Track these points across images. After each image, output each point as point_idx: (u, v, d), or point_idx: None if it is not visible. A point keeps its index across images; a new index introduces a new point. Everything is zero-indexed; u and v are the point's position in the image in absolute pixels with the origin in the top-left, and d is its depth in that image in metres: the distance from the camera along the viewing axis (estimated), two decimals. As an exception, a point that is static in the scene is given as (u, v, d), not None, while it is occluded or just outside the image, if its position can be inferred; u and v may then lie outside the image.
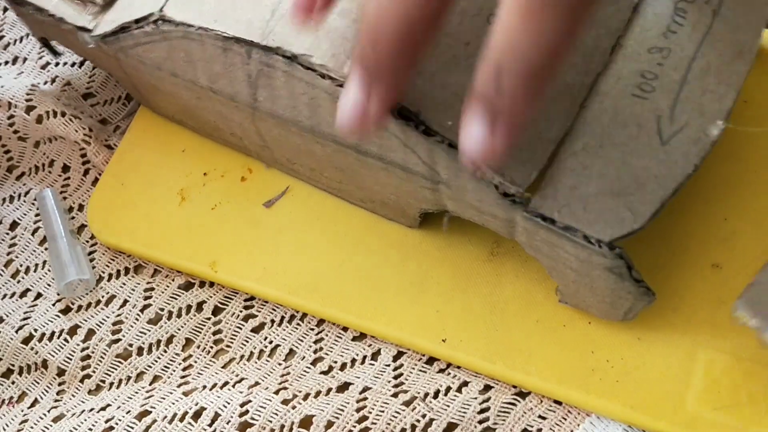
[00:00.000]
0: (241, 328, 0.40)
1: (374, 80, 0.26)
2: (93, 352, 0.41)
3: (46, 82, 0.48)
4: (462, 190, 0.32)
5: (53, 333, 0.42)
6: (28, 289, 0.43)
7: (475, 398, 0.35)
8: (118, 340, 0.41)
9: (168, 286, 0.41)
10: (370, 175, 0.35)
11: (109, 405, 0.39)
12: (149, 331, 0.41)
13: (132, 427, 0.38)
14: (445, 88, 0.31)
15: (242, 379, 0.38)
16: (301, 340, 0.39)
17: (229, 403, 0.37)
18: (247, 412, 0.37)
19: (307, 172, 0.39)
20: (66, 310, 0.42)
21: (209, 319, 0.40)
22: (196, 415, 0.38)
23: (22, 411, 0.40)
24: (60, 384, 0.40)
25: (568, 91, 0.31)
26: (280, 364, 0.38)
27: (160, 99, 0.41)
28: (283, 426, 0.37)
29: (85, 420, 0.39)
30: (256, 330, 0.40)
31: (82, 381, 0.40)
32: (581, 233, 0.29)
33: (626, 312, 0.33)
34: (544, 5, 0.22)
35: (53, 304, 0.42)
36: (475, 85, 0.25)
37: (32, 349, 0.41)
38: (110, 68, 0.42)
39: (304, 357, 0.38)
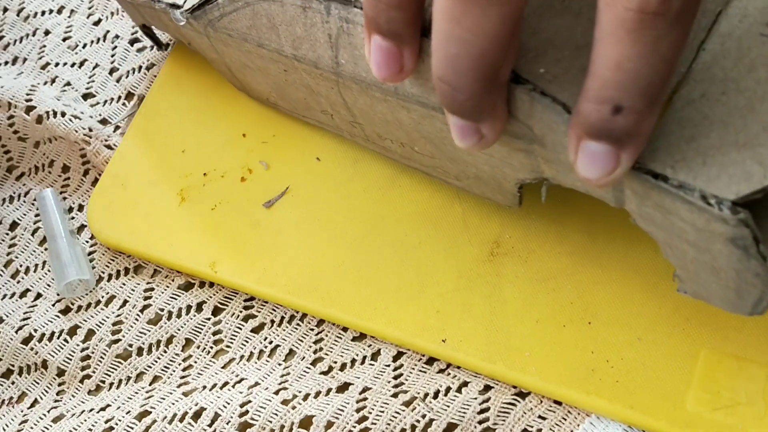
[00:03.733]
0: (241, 329, 0.40)
1: None
2: (93, 353, 0.41)
3: (46, 83, 0.48)
4: (558, 148, 0.28)
5: (53, 333, 0.41)
6: (27, 290, 0.43)
7: (475, 398, 0.35)
8: (117, 341, 0.41)
9: (168, 287, 0.41)
10: None
11: (109, 405, 0.39)
12: (149, 331, 0.41)
13: (132, 428, 0.38)
14: (536, 35, 0.28)
15: (242, 380, 0.38)
16: (301, 341, 0.39)
17: (229, 404, 0.37)
18: (247, 412, 0.37)
19: (398, 148, 0.38)
20: (66, 311, 0.42)
21: (209, 319, 0.40)
22: (196, 416, 0.38)
23: (22, 411, 0.40)
24: (60, 384, 0.40)
25: None
26: (280, 365, 0.38)
27: (252, 79, 0.41)
28: (283, 426, 0.37)
29: (85, 420, 0.39)
30: (256, 330, 0.40)
31: (81, 381, 0.40)
32: (699, 192, 0.25)
33: (755, 303, 0.29)
34: (656, 16, 0.21)
35: (53, 305, 0.42)
36: (583, 119, 0.24)
37: (32, 349, 0.41)
38: (204, 50, 0.42)
39: (304, 357, 0.38)
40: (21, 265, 0.44)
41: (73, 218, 0.45)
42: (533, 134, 0.29)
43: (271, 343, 0.39)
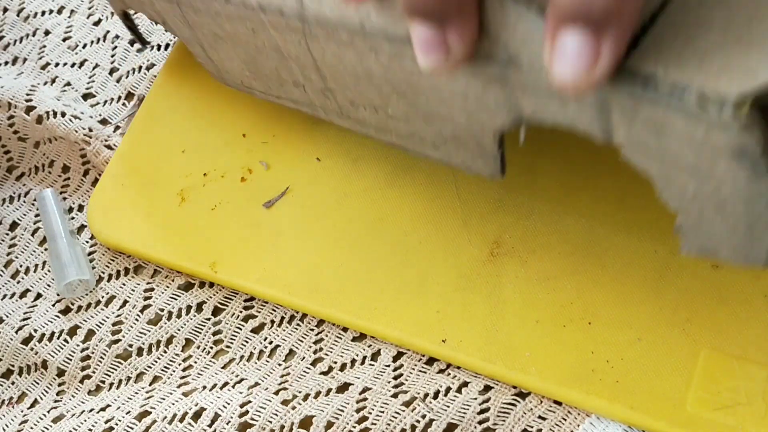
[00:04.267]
0: (241, 329, 0.40)
1: None
2: (93, 353, 0.41)
3: (46, 83, 0.48)
4: (535, 67, 0.25)
5: (53, 333, 0.41)
6: (27, 290, 0.43)
7: (475, 399, 0.35)
8: (117, 341, 0.41)
9: (168, 287, 0.41)
10: (433, 88, 0.31)
11: (108, 405, 0.39)
12: (149, 331, 0.41)
13: (132, 428, 0.38)
14: None
15: (242, 380, 0.38)
16: (301, 341, 0.39)
17: (229, 404, 0.37)
18: (247, 412, 0.37)
19: (372, 117, 0.36)
20: (66, 311, 0.42)
21: (209, 319, 0.40)
22: (196, 416, 0.38)
23: (22, 411, 0.40)
24: (60, 384, 0.40)
25: None
26: (280, 365, 0.38)
27: (225, 55, 0.40)
28: (283, 426, 0.37)
29: (85, 420, 0.39)
30: (256, 330, 0.40)
31: (81, 381, 0.40)
32: (695, 91, 0.21)
33: None
34: None
35: (53, 305, 0.42)
36: (557, 4, 0.21)
37: (32, 349, 0.41)
38: (178, 25, 0.41)
39: (304, 357, 0.38)
40: (21, 266, 0.44)
41: (73, 218, 0.45)
42: (507, 53, 0.26)
43: (271, 343, 0.39)
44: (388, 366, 0.37)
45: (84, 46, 0.49)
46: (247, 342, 0.39)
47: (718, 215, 0.25)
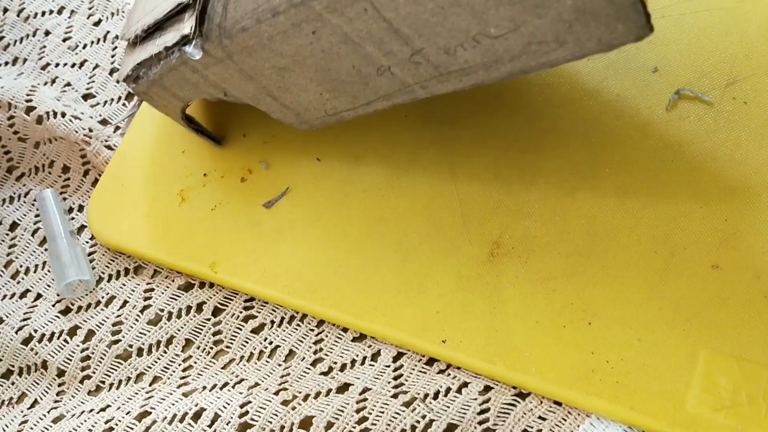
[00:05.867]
0: (241, 329, 0.40)
1: None
2: (93, 353, 0.41)
3: (46, 83, 0.48)
4: None
5: (53, 334, 0.41)
6: (28, 290, 0.43)
7: (475, 399, 0.35)
8: (117, 341, 0.41)
9: (168, 287, 0.41)
10: None
11: (109, 406, 0.39)
12: (149, 331, 0.41)
13: (132, 428, 0.38)
14: None
15: (242, 380, 0.38)
16: (301, 341, 0.39)
17: (228, 404, 0.37)
18: (247, 412, 0.37)
19: (476, 55, 0.32)
20: (66, 311, 0.42)
21: (209, 319, 0.40)
22: (196, 416, 0.38)
23: (22, 412, 0.40)
24: (60, 385, 0.40)
25: None
26: (280, 365, 0.38)
27: (297, 87, 0.38)
28: (283, 427, 0.37)
29: (85, 421, 0.39)
30: (256, 331, 0.40)
31: (81, 382, 0.40)
32: None
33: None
34: None
35: (53, 305, 0.42)
36: None
37: (32, 349, 0.41)
38: (238, 84, 0.39)
39: (304, 358, 0.38)
40: (21, 266, 0.44)
41: (73, 219, 0.45)
42: None
43: (271, 343, 0.39)
44: (388, 366, 0.37)
45: (84, 47, 0.49)
46: (247, 342, 0.39)
47: None
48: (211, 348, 0.40)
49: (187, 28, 0.37)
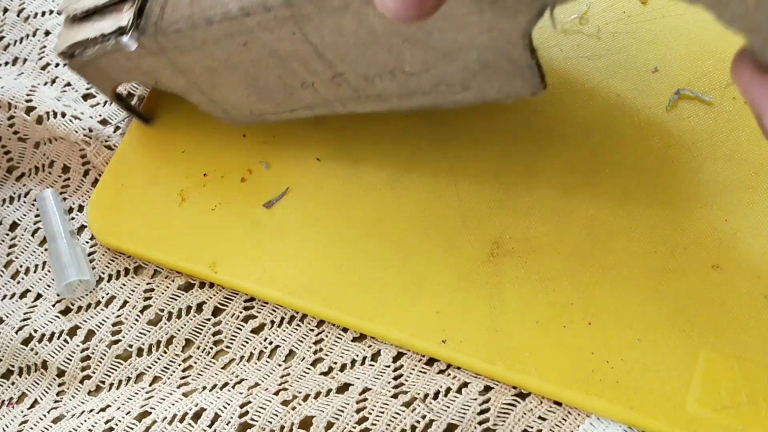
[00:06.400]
0: (241, 329, 0.40)
1: None
2: (93, 353, 0.41)
3: (46, 83, 0.48)
4: None
5: (53, 334, 0.42)
6: (28, 290, 0.43)
7: (475, 399, 0.35)
8: (118, 341, 0.41)
9: (168, 287, 0.41)
10: (444, 18, 0.29)
11: (109, 406, 0.39)
12: (149, 331, 0.41)
13: (132, 428, 0.38)
14: None
15: (242, 380, 0.38)
16: (301, 341, 0.39)
17: (229, 404, 0.37)
18: (247, 413, 0.37)
19: (392, 86, 0.34)
20: (66, 311, 0.42)
21: (209, 320, 0.40)
22: (196, 416, 0.38)
23: (22, 412, 0.40)
24: (60, 385, 0.40)
25: None
26: (280, 365, 0.38)
27: (225, 87, 0.39)
28: (283, 427, 0.37)
29: (85, 421, 0.39)
30: (256, 331, 0.40)
31: (81, 382, 0.40)
32: None
33: None
34: None
35: (53, 305, 0.42)
36: None
37: (32, 349, 0.41)
38: (171, 77, 0.40)
39: (304, 358, 0.38)
40: (21, 266, 0.44)
41: (73, 219, 0.45)
42: None
43: (271, 343, 0.39)
44: (388, 366, 0.37)
45: (84, 47, 0.49)
46: (247, 342, 0.39)
47: None
48: (211, 348, 0.40)
49: (124, 20, 0.38)
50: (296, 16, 0.32)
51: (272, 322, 0.39)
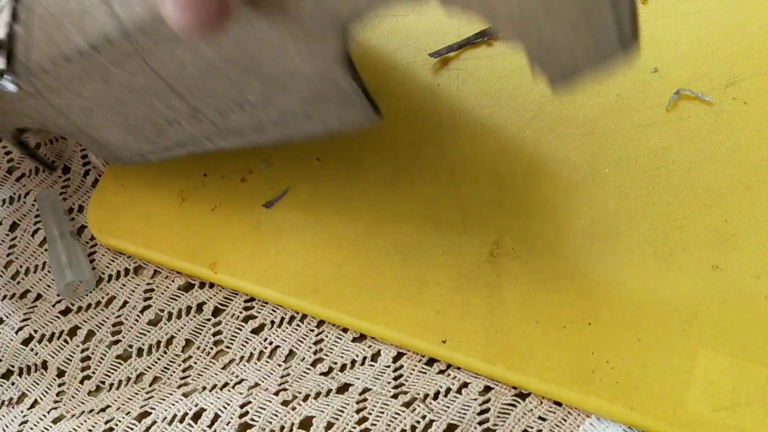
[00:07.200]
0: (241, 329, 0.40)
1: None
2: (93, 354, 0.41)
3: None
4: None
5: (53, 334, 0.42)
6: (28, 290, 0.43)
7: (475, 399, 0.35)
8: (118, 341, 0.41)
9: (168, 287, 0.41)
10: (263, 44, 0.29)
11: (108, 406, 0.39)
12: (149, 332, 0.41)
13: (132, 429, 0.38)
14: None
15: (242, 380, 0.38)
16: (301, 341, 0.39)
17: (228, 405, 0.37)
18: (247, 413, 0.37)
19: (243, 119, 0.34)
20: (66, 311, 0.42)
21: (209, 320, 0.40)
22: (196, 417, 0.38)
23: (22, 412, 0.40)
24: (60, 385, 0.40)
25: None
26: (280, 365, 0.38)
27: (103, 127, 0.38)
28: (283, 427, 0.37)
29: (85, 421, 0.39)
30: (256, 331, 0.40)
31: (81, 382, 0.40)
32: None
33: (616, 29, 0.23)
34: None
35: (53, 306, 0.42)
36: None
37: (32, 350, 0.41)
38: (56, 123, 0.39)
39: (304, 358, 0.38)
40: (21, 266, 0.44)
41: (73, 219, 0.45)
42: None
43: (271, 344, 0.39)
44: (388, 367, 0.37)
45: (84, 47, 0.49)
46: (247, 342, 0.39)
47: (551, 19, 0.23)
48: (211, 348, 0.40)
49: (1, 63, 0.36)
50: (138, 49, 0.31)
51: (272, 322, 0.39)
